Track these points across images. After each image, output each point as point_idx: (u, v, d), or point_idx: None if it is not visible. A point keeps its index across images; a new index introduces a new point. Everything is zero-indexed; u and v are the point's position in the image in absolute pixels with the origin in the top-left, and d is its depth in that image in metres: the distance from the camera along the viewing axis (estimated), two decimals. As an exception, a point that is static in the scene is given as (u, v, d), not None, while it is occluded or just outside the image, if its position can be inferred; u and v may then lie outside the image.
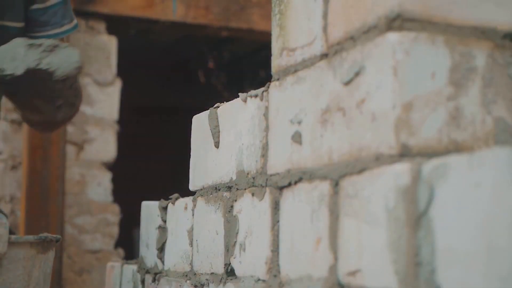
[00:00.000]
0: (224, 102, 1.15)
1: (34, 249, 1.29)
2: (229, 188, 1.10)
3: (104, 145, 3.06)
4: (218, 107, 1.17)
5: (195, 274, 1.19)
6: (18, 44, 1.34)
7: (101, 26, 3.10)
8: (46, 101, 1.52)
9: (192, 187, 1.25)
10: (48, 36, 1.70)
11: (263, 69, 3.96)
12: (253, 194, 1.02)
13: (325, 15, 0.90)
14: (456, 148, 0.77)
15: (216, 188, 1.14)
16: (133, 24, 3.18)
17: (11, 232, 1.60)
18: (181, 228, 1.25)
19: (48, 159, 2.85)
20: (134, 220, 2.01)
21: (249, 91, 1.06)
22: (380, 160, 0.77)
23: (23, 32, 1.60)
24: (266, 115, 1.01)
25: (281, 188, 0.96)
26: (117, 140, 3.10)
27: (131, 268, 1.50)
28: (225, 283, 1.08)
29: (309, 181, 0.89)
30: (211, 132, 1.16)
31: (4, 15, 1.58)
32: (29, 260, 1.28)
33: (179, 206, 1.28)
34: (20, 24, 1.63)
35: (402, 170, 0.72)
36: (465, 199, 0.63)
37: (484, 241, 0.60)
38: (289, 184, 0.94)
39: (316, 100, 0.90)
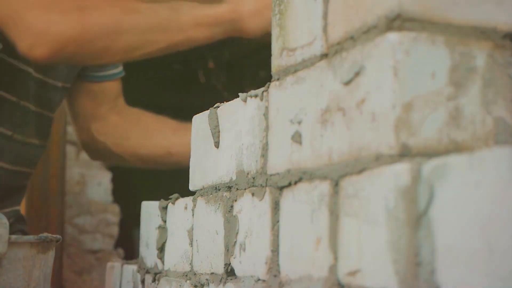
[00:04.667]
0: (224, 102, 1.15)
1: (34, 249, 1.30)
2: (229, 188, 1.10)
3: (104, 145, 3.06)
4: (218, 107, 1.16)
5: (195, 274, 1.19)
6: None
7: (101, 26, 3.10)
8: None
9: (192, 187, 1.25)
10: (108, 76, 1.79)
11: (263, 69, 3.95)
12: (253, 194, 1.02)
13: (325, 15, 0.90)
14: (456, 148, 0.77)
15: (216, 188, 1.14)
16: (133, 24, 3.17)
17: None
18: (181, 228, 1.25)
19: (48, 159, 2.85)
20: (134, 220, 2.01)
21: (249, 91, 1.06)
22: (380, 160, 0.77)
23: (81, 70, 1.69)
24: (266, 115, 1.01)
25: (281, 188, 0.96)
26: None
27: (131, 268, 1.50)
28: (225, 283, 1.08)
29: (309, 181, 0.89)
30: (211, 132, 1.16)
31: None
32: (29, 260, 1.28)
33: (179, 206, 1.28)
34: None
35: (402, 170, 0.72)
36: (465, 199, 0.63)
37: (484, 241, 0.60)
38: (289, 184, 0.93)
39: (316, 100, 0.90)
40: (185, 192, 1.30)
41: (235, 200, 1.07)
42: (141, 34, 1.41)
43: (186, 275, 1.22)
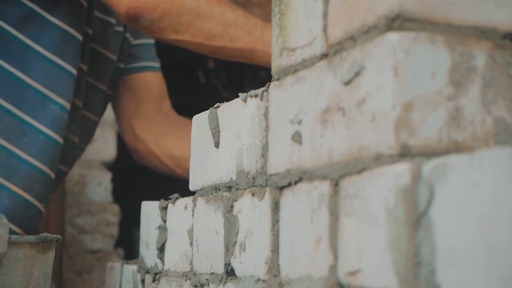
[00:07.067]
0: (224, 102, 1.15)
1: (34, 249, 1.30)
2: (229, 188, 1.10)
3: (104, 145, 3.06)
4: (218, 107, 1.17)
5: (195, 274, 1.19)
6: None
7: (101, 26, 3.10)
8: None
9: (192, 187, 1.25)
10: (144, 67, 1.80)
11: (263, 69, 3.95)
12: (253, 194, 1.02)
13: (325, 15, 0.90)
14: (456, 148, 0.77)
15: (216, 188, 1.14)
16: (133, 24, 3.17)
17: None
18: (181, 228, 1.25)
19: (48, 159, 2.84)
20: (134, 220, 2.01)
21: (249, 91, 1.06)
22: (380, 160, 0.77)
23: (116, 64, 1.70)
24: (266, 115, 1.01)
25: (281, 188, 0.96)
26: (117, 140, 3.10)
27: (131, 268, 1.50)
28: (225, 283, 1.08)
29: (309, 181, 0.89)
30: (211, 132, 1.16)
31: (107, 46, 1.66)
32: (29, 260, 1.28)
33: (179, 206, 1.28)
34: (114, 57, 1.72)
35: (402, 170, 0.72)
36: (465, 199, 0.63)
37: (484, 241, 0.60)
38: (289, 184, 0.94)
39: (316, 100, 0.90)
40: (185, 192, 1.30)
41: (235, 200, 1.07)
42: (225, 25, 1.44)
43: (186, 275, 1.22)
